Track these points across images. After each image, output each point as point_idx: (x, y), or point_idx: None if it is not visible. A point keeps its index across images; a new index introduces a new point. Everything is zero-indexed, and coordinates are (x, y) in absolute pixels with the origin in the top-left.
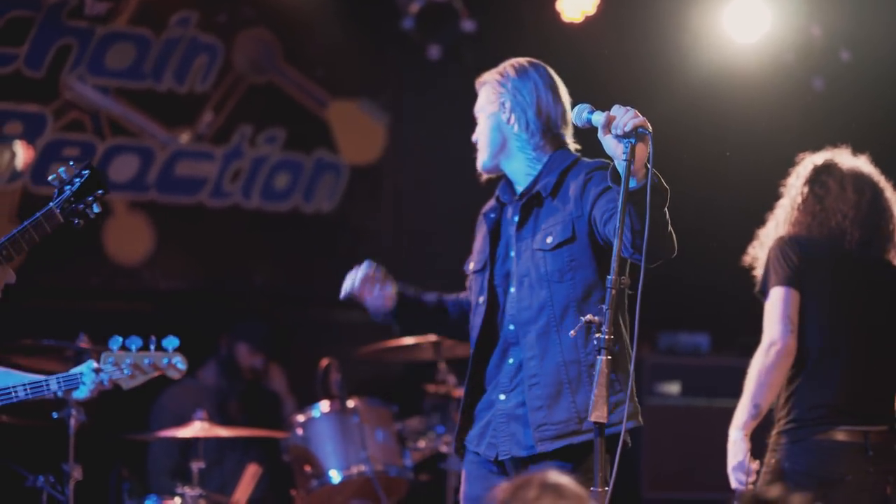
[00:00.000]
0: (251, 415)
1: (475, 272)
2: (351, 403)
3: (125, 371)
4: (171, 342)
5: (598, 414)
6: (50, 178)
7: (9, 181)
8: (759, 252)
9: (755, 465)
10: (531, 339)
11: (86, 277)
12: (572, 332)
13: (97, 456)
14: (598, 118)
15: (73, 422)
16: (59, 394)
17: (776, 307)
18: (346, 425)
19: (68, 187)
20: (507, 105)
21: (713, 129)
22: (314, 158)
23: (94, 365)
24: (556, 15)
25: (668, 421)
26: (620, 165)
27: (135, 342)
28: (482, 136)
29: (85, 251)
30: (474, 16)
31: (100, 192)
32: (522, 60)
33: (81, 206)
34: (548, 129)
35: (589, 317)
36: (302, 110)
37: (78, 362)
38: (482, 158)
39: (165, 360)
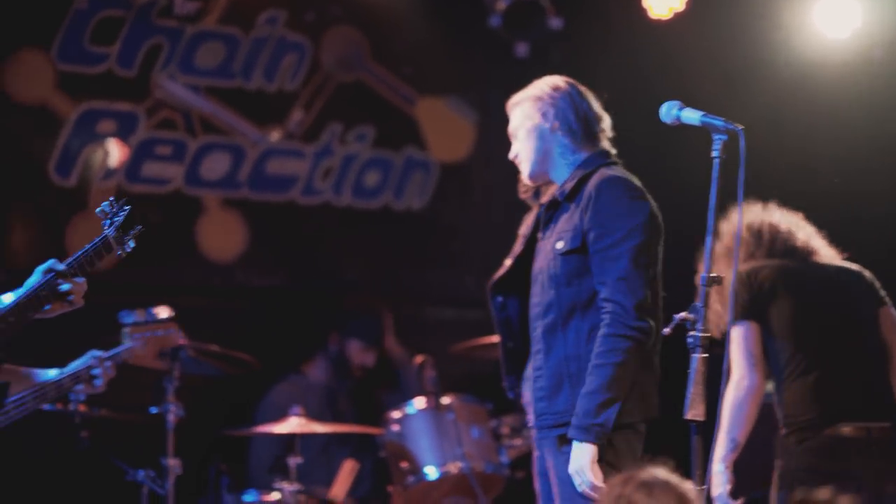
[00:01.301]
0: (360, 411)
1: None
2: (446, 400)
3: (143, 344)
4: (165, 311)
5: (695, 412)
6: (98, 210)
7: (103, 179)
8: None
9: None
10: (538, 335)
11: (180, 275)
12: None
13: (196, 451)
14: (689, 115)
15: (171, 417)
16: (79, 387)
17: (737, 344)
18: (442, 422)
19: (116, 219)
20: (550, 114)
21: (804, 126)
22: (404, 156)
23: (98, 353)
24: (643, 12)
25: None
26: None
27: (141, 315)
28: (525, 149)
29: (179, 249)
30: (561, 13)
31: (138, 227)
32: (553, 77)
33: (125, 237)
34: (586, 134)
35: (683, 315)
36: (390, 108)
37: (174, 358)
38: (527, 169)
39: (172, 330)
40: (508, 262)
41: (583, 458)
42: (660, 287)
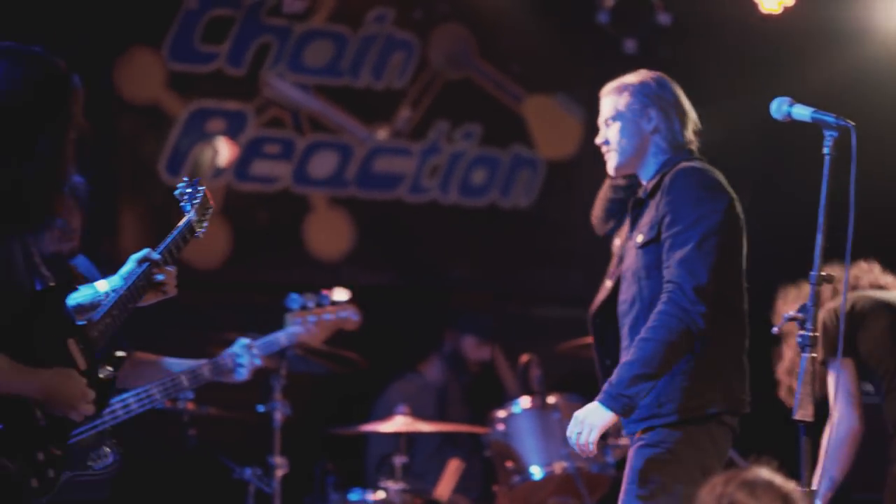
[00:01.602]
0: (477, 409)
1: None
2: (551, 399)
3: (311, 329)
4: (342, 294)
5: (804, 413)
6: (176, 192)
7: (213, 178)
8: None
9: None
10: (625, 332)
11: (287, 273)
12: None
13: (303, 449)
14: (800, 111)
15: (278, 415)
16: (217, 379)
17: (834, 384)
18: (547, 421)
19: (195, 201)
20: (653, 115)
21: None
22: (511, 154)
23: (247, 342)
24: (753, 7)
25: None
26: None
27: (310, 299)
28: (617, 139)
29: (286, 247)
30: (670, 9)
31: (211, 209)
32: (655, 73)
33: (203, 218)
34: (681, 135)
35: (792, 313)
36: (498, 106)
37: (281, 356)
38: (616, 160)
39: (343, 313)
40: (608, 283)
41: (597, 418)
42: (736, 280)
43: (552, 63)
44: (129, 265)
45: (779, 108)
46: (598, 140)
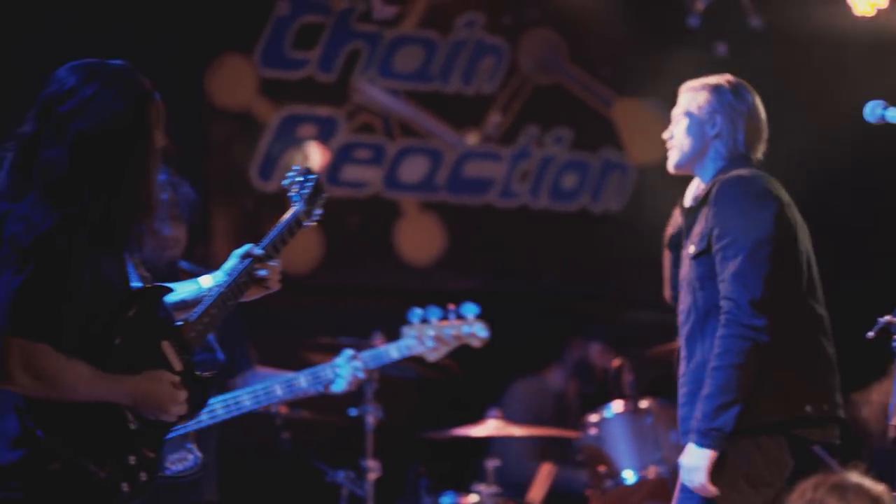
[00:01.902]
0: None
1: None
2: (644, 404)
3: (428, 343)
4: (470, 309)
5: None
6: (284, 182)
7: None
8: None
9: None
10: (682, 342)
11: (377, 278)
12: (871, 333)
13: (395, 453)
14: (894, 114)
15: (370, 418)
16: (314, 389)
17: None
18: (640, 426)
19: (304, 191)
20: (718, 120)
21: None
22: (601, 158)
23: (351, 353)
24: (846, 9)
25: None
26: None
27: (434, 313)
28: (682, 137)
29: (378, 252)
30: (762, 12)
31: (324, 194)
32: (737, 80)
33: (313, 209)
34: (746, 148)
35: (888, 318)
36: (588, 110)
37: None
38: (676, 157)
39: (466, 329)
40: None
41: (699, 461)
42: (796, 286)
43: (642, 67)
44: (232, 261)
45: (873, 111)
46: (665, 134)
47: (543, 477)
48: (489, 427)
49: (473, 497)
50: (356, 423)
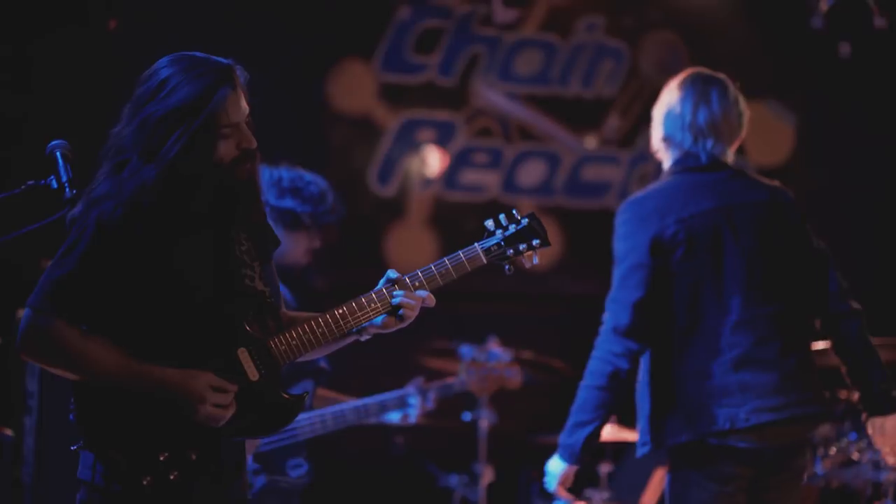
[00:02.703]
0: None
1: None
2: None
3: (474, 380)
4: (506, 354)
5: None
6: (486, 221)
7: (422, 188)
8: None
9: None
10: None
11: (494, 282)
12: None
13: (508, 457)
14: None
15: (483, 423)
16: (383, 415)
17: None
18: None
19: (500, 231)
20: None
21: None
22: None
23: (420, 383)
24: None
25: None
26: None
27: (480, 353)
28: None
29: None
30: (887, 12)
31: (535, 241)
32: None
33: (511, 252)
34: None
35: None
36: None
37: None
38: None
39: (507, 372)
40: None
41: (554, 468)
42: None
43: (763, 68)
44: (381, 283)
45: None
46: None
47: (657, 483)
48: (604, 432)
49: (585, 502)
50: (469, 427)
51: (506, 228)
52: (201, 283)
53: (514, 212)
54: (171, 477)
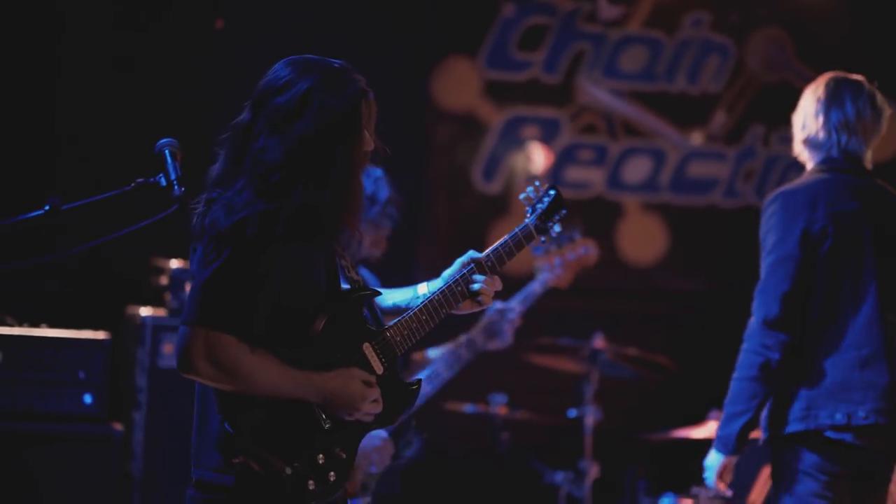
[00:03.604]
0: None
1: None
2: None
3: (557, 271)
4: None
5: None
6: (521, 196)
7: (527, 185)
8: None
9: None
10: None
11: (599, 279)
12: None
13: (614, 454)
14: None
15: (589, 420)
16: (488, 343)
17: None
18: None
19: (539, 206)
20: None
21: None
22: None
23: (500, 305)
24: None
25: None
26: None
27: (550, 243)
28: None
29: (600, 252)
30: None
31: (563, 211)
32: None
33: (550, 224)
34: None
35: None
36: None
37: (592, 361)
38: None
39: (583, 249)
40: None
41: (711, 461)
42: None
43: (872, 64)
44: (454, 267)
45: None
46: None
47: (765, 480)
48: (710, 429)
49: (692, 500)
50: (575, 424)
51: (541, 201)
52: (319, 282)
53: (537, 183)
54: (331, 478)
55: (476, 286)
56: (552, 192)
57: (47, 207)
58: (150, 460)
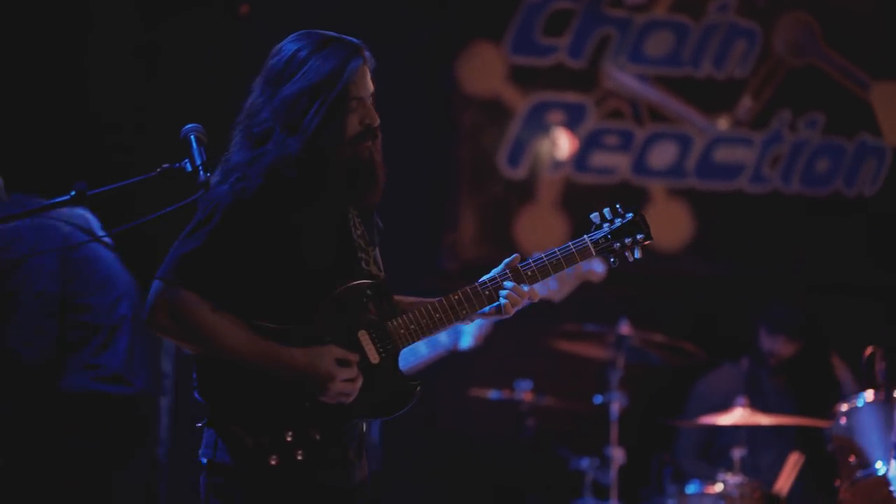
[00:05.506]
0: (786, 402)
1: None
2: None
3: (551, 285)
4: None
5: None
6: (592, 214)
7: (552, 170)
8: None
9: None
10: None
11: (625, 264)
12: None
13: (640, 440)
14: None
15: (615, 406)
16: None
17: None
18: (893, 416)
19: (607, 225)
20: None
21: None
22: (856, 142)
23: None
24: None
25: None
26: None
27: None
28: None
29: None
30: None
31: (640, 236)
32: None
33: (618, 245)
34: None
35: None
36: (843, 93)
37: (618, 347)
38: None
39: (585, 266)
40: None
41: None
42: None
43: None
44: (498, 268)
45: None
46: None
47: (791, 467)
48: (736, 415)
49: (719, 486)
50: (601, 410)
51: (612, 222)
52: (323, 263)
53: (618, 206)
54: (298, 457)
55: (503, 292)
56: (629, 216)
57: (73, 193)
58: (176, 446)
